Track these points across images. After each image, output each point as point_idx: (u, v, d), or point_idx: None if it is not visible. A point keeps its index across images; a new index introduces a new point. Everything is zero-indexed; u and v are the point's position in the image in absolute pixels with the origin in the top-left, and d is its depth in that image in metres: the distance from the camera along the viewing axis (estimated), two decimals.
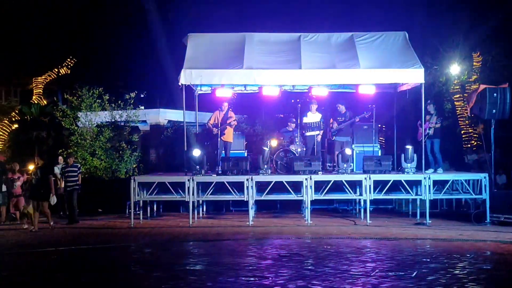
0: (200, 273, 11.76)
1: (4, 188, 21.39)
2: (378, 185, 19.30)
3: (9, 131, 33.19)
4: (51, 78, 34.75)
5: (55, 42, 31.88)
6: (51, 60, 33.28)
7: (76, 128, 25.85)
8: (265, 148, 20.70)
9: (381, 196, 19.37)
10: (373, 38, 20.98)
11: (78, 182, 21.39)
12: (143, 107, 28.28)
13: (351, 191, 19.40)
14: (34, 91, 34.59)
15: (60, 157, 23.86)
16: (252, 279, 10.90)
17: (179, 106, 24.24)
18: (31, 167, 31.51)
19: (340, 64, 19.93)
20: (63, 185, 21.79)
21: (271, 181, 19.41)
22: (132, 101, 25.92)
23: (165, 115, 28.67)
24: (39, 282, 11.07)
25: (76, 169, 21.44)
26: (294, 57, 20.23)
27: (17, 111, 34.54)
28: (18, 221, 20.94)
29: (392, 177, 19.21)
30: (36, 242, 16.43)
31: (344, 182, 19.30)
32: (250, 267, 12.18)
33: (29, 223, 19.45)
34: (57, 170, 22.67)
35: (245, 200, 19.34)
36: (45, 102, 35.53)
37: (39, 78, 34.18)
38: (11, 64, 34.15)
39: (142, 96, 32.61)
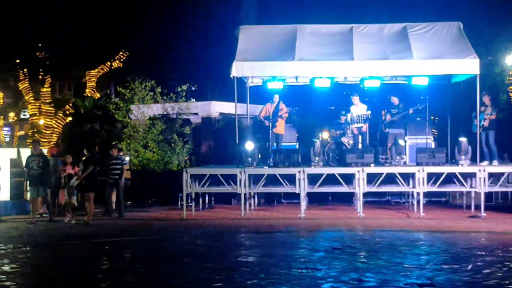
0: (252, 264, 11.76)
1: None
2: (432, 178, 19.06)
3: (63, 124, 33.66)
4: (104, 72, 35.08)
5: (108, 36, 32.20)
6: (104, 53, 33.61)
7: (129, 120, 26.10)
8: (316, 140, 20.62)
9: (435, 189, 19.13)
10: (427, 29, 20.70)
11: (122, 176, 21.15)
12: (194, 100, 28.41)
13: (404, 183, 19.20)
14: (88, 85, 34.97)
15: (114, 149, 23.94)
16: (304, 271, 10.86)
17: (230, 98, 24.29)
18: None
19: (392, 55, 19.73)
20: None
21: (323, 174, 19.33)
22: (184, 94, 26.07)
23: (217, 108, 28.74)
24: (94, 271, 11.20)
25: (119, 161, 21.27)
26: (346, 48, 20.10)
27: (71, 104, 34.99)
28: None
29: (446, 169, 18.95)
30: (90, 233, 16.64)
31: (397, 174, 19.10)
32: (303, 259, 12.15)
33: (72, 216, 19.38)
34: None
35: (297, 192, 19.29)
36: (98, 95, 35.92)
37: (92, 71, 34.53)
38: (65, 58, 34.58)
39: (193, 89, 32.76)
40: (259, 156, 20.57)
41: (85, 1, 31.00)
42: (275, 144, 21.35)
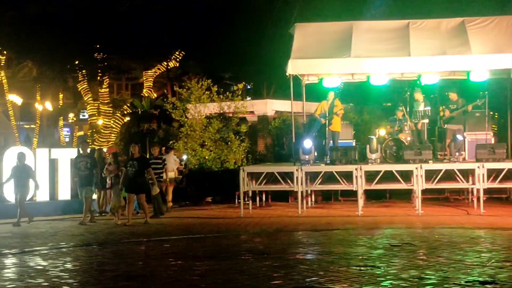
0: (311, 262, 11.75)
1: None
2: (492, 174, 18.76)
3: (121, 123, 34.16)
4: (160, 72, 35.50)
5: (164, 36, 32.52)
6: (161, 53, 33.97)
7: (185, 119, 26.34)
8: (373, 137, 20.50)
9: (495, 185, 18.83)
10: (486, 23, 20.35)
11: (161, 175, 20.94)
12: (250, 98, 28.51)
13: (463, 180, 18.96)
14: (145, 85, 35.44)
15: (163, 147, 23.84)
16: (363, 268, 10.80)
17: (286, 96, 24.35)
18: None
19: (450, 50, 19.48)
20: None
21: (381, 171, 19.20)
22: (240, 92, 26.18)
23: (272, 106, 28.79)
24: (155, 269, 11.33)
25: (160, 161, 21.14)
26: (402, 44, 19.92)
27: (128, 104, 35.53)
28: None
29: (507, 165, 18.63)
30: (150, 232, 16.84)
31: (456, 171, 18.87)
32: (361, 257, 12.08)
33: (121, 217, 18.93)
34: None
35: (354, 189, 19.22)
36: (155, 95, 36.39)
37: (149, 71, 34.98)
38: (123, 58, 35.08)
39: (249, 87, 32.88)
40: (316, 154, 20.53)
41: (141, 2, 31.35)
42: (331, 141, 21.28)
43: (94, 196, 20.38)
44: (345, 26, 21.15)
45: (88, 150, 19.95)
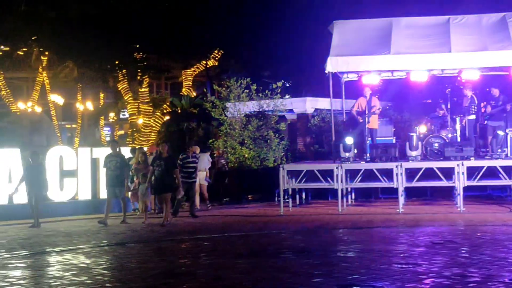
0: (352, 259, 11.73)
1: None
2: None
3: (161, 123, 34.36)
4: (199, 70, 35.62)
5: (203, 35, 32.65)
6: (200, 53, 34.09)
7: (225, 118, 26.43)
8: (413, 134, 20.36)
9: None
10: None
11: (195, 175, 20.57)
12: (289, 96, 28.48)
13: (506, 176, 18.73)
14: (184, 84, 35.57)
15: (196, 146, 23.25)
16: (405, 266, 10.74)
17: (325, 94, 24.29)
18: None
19: (492, 46, 19.26)
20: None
21: (421, 168, 19.07)
22: (279, 90, 26.18)
23: (312, 104, 28.75)
24: (196, 267, 11.41)
25: (195, 159, 20.82)
26: (443, 40, 19.75)
27: (168, 104, 35.69)
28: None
29: None
30: (190, 230, 16.96)
31: (498, 167, 18.65)
32: (403, 254, 12.03)
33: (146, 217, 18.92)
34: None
35: (395, 187, 19.13)
36: (194, 94, 36.51)
37: (188, 70, 35.10)
38: (162, 58, 35.30)
39: (288, 85, 32.86)
40: (355, 151, 20.47)
41: (179, 1, 31.49)
42: (369, 139, 21.18)
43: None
44: (384, 22, 21.04)
45: (118, 149, 19.35)
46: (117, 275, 10.76)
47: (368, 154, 20.51)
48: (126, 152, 21.44)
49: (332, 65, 19.75)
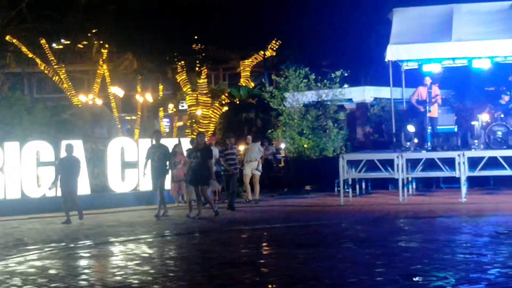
0: (414, 250, 11.61)
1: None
2: None
3: (219, 113, 34.53)
4: (257, 61, 35.65)
5: (260, 25, 32.66)
6: (257, 43, 34.10)
7: (283, 108, 26.38)
8: (475, 122, 19.99)
9: None
10: None
11: (237, 166, 20.13)
12: (348, 85, 28.24)
13: None
14: (242, 74, 35.66)
15: (248, 136, 23.22)
16: (469, 256, 10.59)
17: (384, 82, 24.01)
18: (241, 147, 32.66)
19: None
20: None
21: (484, 157, 18.72)
22: (338, 80, 26.00)
23: (371, 93, 28.47)
24: (258, 257, 11.43)
25: (235, 151, 20.30)
26: (506, 26, 19.30)
27: (226, 94, 35.83)
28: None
29: None
30: (250, 220, 16.99)
31: None
32: (466, 244, 11.86)
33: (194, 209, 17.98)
34: (216, 152, 21.17)
35: (457, 176, 18.83)
36: (252, 84, 36.55)
37: (246, 61, 35.17)
38: (220, 49, 35.41)
39: (346, 74, 32.58)
40: (416, 141, 20.21)
41: None
42: (430, 128, 20.86)
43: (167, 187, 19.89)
44: (445, 9, 20.66)
45: (161, 141, 18.91)
46: (180, 265, 10.86)
47: (429, 143, 20.22)
48: (185, 143, 21.60)
49: (392, 53, 19.51)
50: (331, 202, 20.62)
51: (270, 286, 9.01)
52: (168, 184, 20.06)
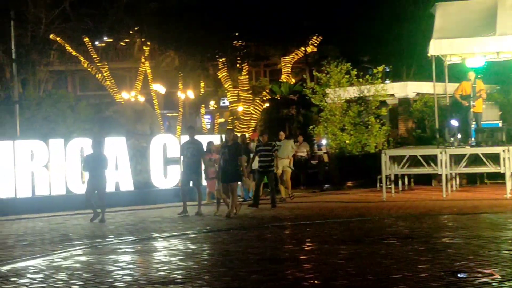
0: (458, 246, 11.47)
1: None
2: None
3: (261, 109, 34.58)
4: (298, 57, 35.60)
5: (302, 21, 32.63)
6: (298, 39, 34.06)
7: (325, 104, 26.31)
8: None
9: None
10: None
11: (273, 164, 19.41)
12: (390, 81, 28.05)
13: None
14: (283, 70, 35.67)
15: (281, 132, 23.07)
16: None
17: (427, 77, 23.79)
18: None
19: None
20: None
21: None
22: (380, 75, 25.85)
23: (413, 88, 28.21)
24: (300, 253, 11.42)
25: (270, 147, 19.48)
26: None
27: (267, 91, 35.87)
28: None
29: None
30: (291, 216, 16.99)
31: None
32: None
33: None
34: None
35: (501, 172, 18.59)
36: (293, 80, 36.53)
37: (287, 57, 35.17)
38: (261, 45, 35.46)
39: (388, 70, 32.38)
40: (460, 136, 20.00)
41: None
42: (474, 123, 20.62)
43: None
44: (489, 3, 20.37)
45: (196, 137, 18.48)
46: (222, 260, 10.90)
47: (473, 139, 19.99)
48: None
49: (435, 48, 19.34)
50: (373, 198, 20.51)
51: (312, 282, 8.98)
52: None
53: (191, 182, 18.06)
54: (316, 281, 9.01)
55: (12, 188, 19.38)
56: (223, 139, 18.09)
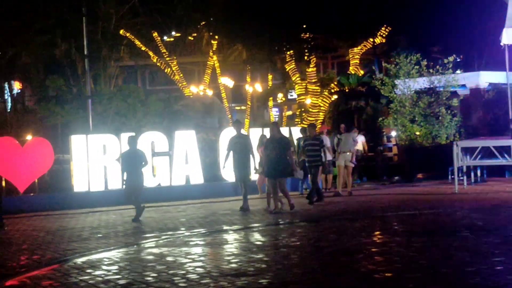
0: None
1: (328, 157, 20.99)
2: None
3: (329, 102, 34.39)
4: (367, 48, 35.25)
5: (369, 12, 32.31)
6: (367, 30, 33.71)
7: (394, 95, 26.04)
8: None
9: None
10: None
11: (319, 158, 18.55)
12: (461, 71, 27.53)
13: None
14: (351, 62, 35.33)
15: (342, 125, 22.60)
16: None
17: (500, 67, 23.27)
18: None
19: None
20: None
21: None
22: (451, 65, 25.43)
23: (486, 78, 27.67)
24: (370, 245, 11.32)
25: (317, 142, 18.65)
26: None
27: (335, 83, 35.65)
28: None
29: None
30: (360, 209, 16.88)
31: None
32: None
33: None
34: (327, 141, 20.94)
35: None
36: (361, 72, 36.20)
37: (355, 49, 34.84)
38: (329, 37, 35.20)
39: (459, 60, 31.78)
40: None
41: None
42: None
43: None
44: None
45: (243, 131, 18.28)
46: (293, 253, 10.90)
47: None
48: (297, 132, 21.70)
49: (508, 36, 18.92)
50: (445, 190, 20.20)
51: (385, 274, 8.91)
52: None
53: (241, 177, 17.32)
54: (388, 274, 8.93)
55: (86, 181, 19.81)
56: (270, 133, 17.21)
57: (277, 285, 8.59)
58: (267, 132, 21.42)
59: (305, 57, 33.34)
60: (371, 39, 34.19)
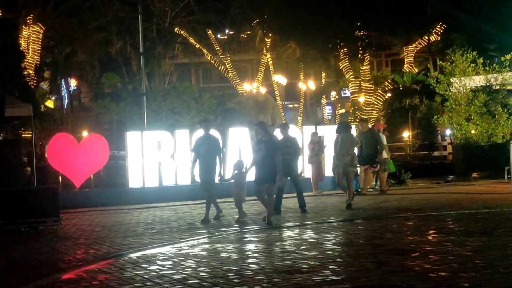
0: None
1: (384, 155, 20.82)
2: None
3: (383, 100, 34.19)
4: (421, 46, 34.93)
5: (424, 10, 32.02)
6: (422, 28, 33.39)
7: (450, 93, 25.77)
8: None
9: None
10: None
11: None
12: None
13: None
14: (405, 60, 35.07)
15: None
16: None
17: None
18: (405, 134, 32.20)
19: None
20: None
21: None
22: (508, 63, 25.07)
23: None
24: (426, 244, 11.23)
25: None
26: None
27: (389, 81, 35.42)
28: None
29: None
30: (416, 207, 16.71)
31: None
32: None
33: None
34: (383, 138, 20.59)
35: None
36: (416, 70, 35.90)
37: (409, 46, 34.56)
38: (383, 35, 34.95)
39: None
40: None
41: None
42: None
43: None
44: None
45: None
46: (347, 251, 10.89)
47: None
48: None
49: None
50: (501, 189, 19.89)
51: (440, 274, 8.84)
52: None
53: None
54: (443, 273, 8.85)
55: (141, 177, 20.03)
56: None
57: (330, 282, 8.58)
58: (320, 129, 21.52)
59: (359, 55, 33.19)
60: (426, 37, 33.89)
